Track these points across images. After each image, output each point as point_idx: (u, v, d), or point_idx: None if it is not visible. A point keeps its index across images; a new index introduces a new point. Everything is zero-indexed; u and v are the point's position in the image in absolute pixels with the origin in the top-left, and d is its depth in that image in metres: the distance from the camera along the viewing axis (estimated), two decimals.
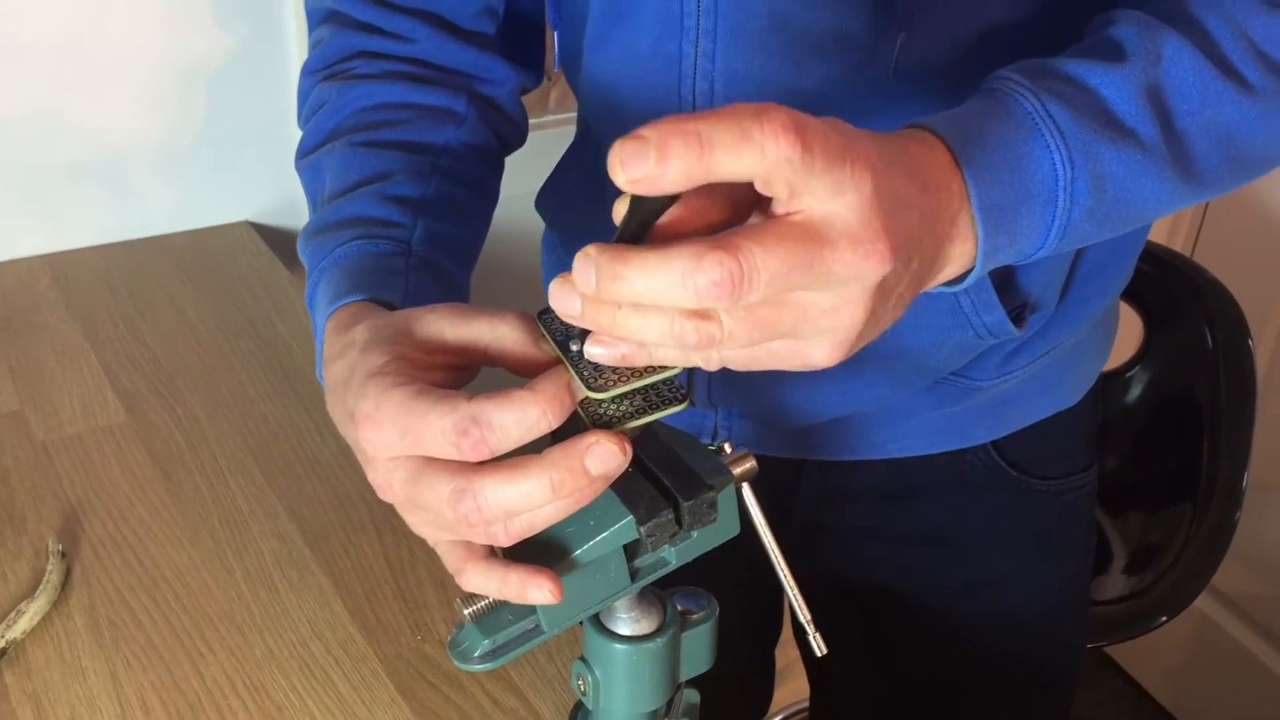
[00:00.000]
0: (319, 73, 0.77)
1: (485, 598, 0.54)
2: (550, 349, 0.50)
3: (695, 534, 0.53)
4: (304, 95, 0.78)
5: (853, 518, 0.89)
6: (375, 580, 0.82)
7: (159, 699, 0.73)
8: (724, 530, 0.54)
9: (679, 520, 0.51)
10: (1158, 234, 1.64)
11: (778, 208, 0.42)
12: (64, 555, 0.82)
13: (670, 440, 0.54)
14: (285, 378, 1.03)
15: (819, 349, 0.45)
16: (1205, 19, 0.56)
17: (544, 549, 0.51)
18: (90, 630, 0.77)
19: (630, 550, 0.53)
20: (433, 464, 0.48)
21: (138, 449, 0.94)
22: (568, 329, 0.48)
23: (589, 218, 0.81)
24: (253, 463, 0.93)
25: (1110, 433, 1.04)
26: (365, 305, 0.60)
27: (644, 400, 0.48)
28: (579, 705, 0.62)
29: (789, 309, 0.43)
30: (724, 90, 0.67)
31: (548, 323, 0.50)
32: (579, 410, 0.48)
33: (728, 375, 0.79)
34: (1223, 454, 0.99)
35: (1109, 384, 1.03)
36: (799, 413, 0.79)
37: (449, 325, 0.52)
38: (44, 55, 1.15)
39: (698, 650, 0.59)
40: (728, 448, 0.54)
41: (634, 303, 0.42)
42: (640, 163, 0.39)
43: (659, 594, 0.58)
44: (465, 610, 0.54)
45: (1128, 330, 0.95)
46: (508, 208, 0.83)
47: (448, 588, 0.81)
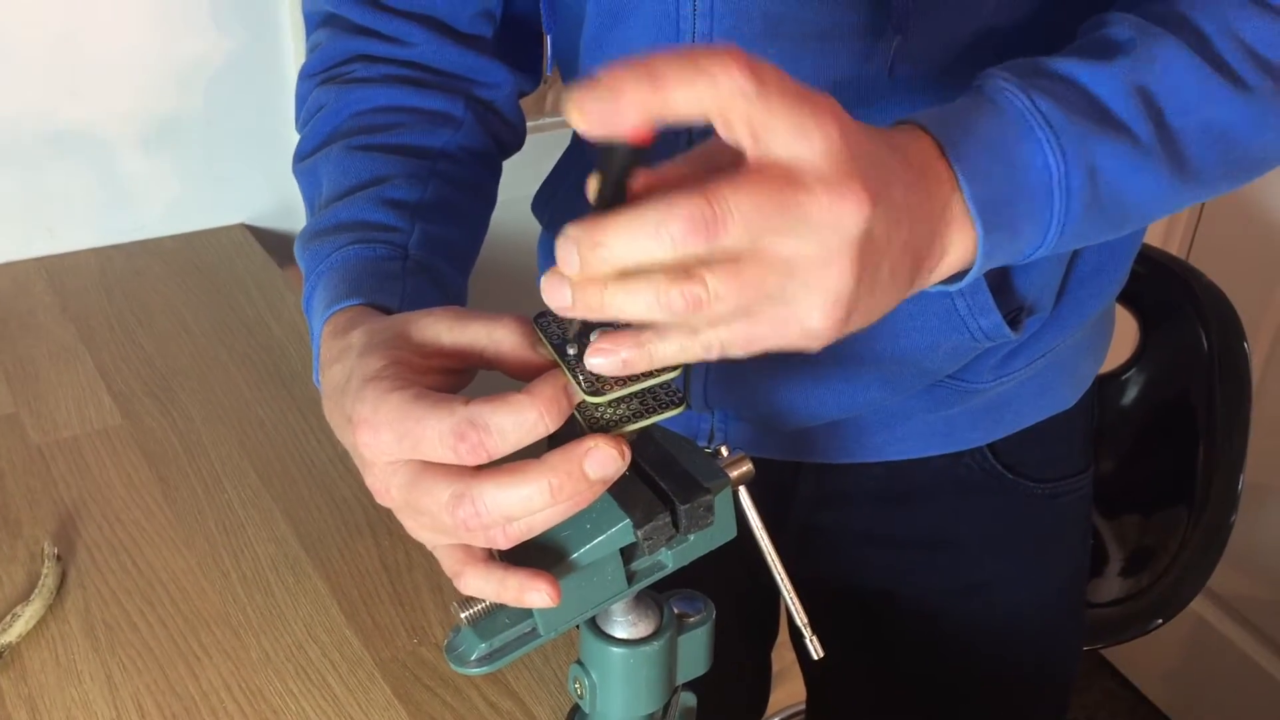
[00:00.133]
0: (316, 76, 0.77)
1: (482, 601, 0.54)
2: (547, 352, 0.50)
3: (692, 537, 0.53)
4: (301, 99, 0.78)
5: (849, 521, 0.89)
6: (371, 583, 0.82)
7: (154, 702, 0.73)
8: (720, 533, 0.54)
9: (676, 524, 0.51)
10: (1153, 237, 1.65)
11: (749, 159, 0.42)
12: (59, 559, 0.82)
13: (667, 443, 0.54)
14: (281, 381, 1.03)
15: (813, 312, 0.44)
16: (1198, 20, 0.56)
17: (541, 552, 0.51)
18: (86, 634, 0.77)
19: (627, 553, 0.53)
20: (431, 468, 0.48)
21: (133, 452, 0.94)
22: (565, 333, 0.48)
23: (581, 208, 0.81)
24: (249, 466, 0.93)
25: (1106, 435, 1.04)
26: (362, 310, 0.60)
27: (641, 404, 0.48)
28: (575, 708, 0.62)
29: (774, 266, 0.42)
30: None
31: (544, 326, 0.50)
32: (576, 414, 0.48)
33: (724, 378, 0.79)
34: (1218, 457, 1.00)
35: (1105, 387, 1.04)
36: (795, 415, 0.79)
37: (446, 329, 0.52)
38: (39, 57, 1.15)
39: (694, 653, 0.59)
40: (724, 451, 0.54)
41: (617, 269, 0.42)
42: (595, 100, 0.39)
43: (656, 597, 0.58)
44: (462, 614, 0.54)
45: (1123, 333, 0.95)
46: (505, 211, 0.83)
47: (444, 591, 0.81)
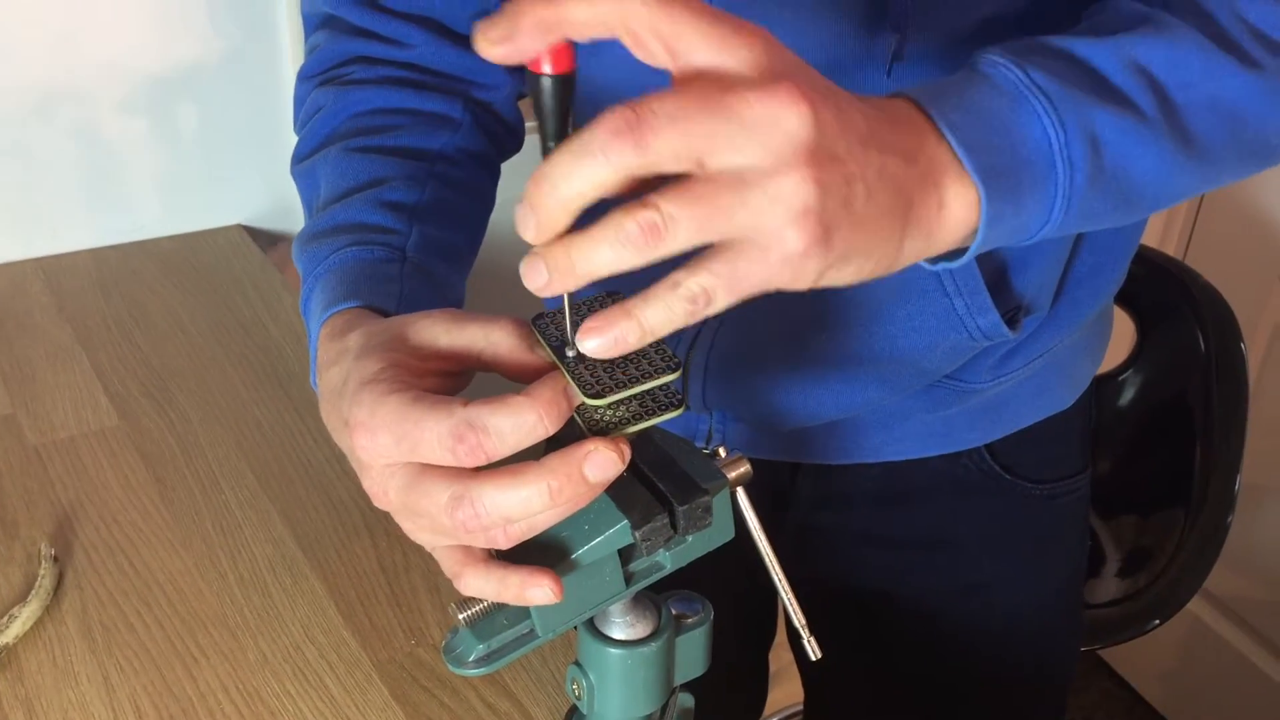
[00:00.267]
0: (315, 78, 0.77)
1: (480, 602, 0.53)
2: (545, 354, 0.50)
3: (690, 538, 0.53)
4: (300, 100, 0.78)
5: (847, 521, 0.89)
6: (369, 584, 0.82)
7: (152, 704, 0.73)
8: (719, 534, 0.54)
9: (674, 524, 0.51)
10: (1150, 237, 1.65)
11: (674, 76, 0.42)
12: (56, 560, 0.82)
13: (665, 444, 0.54)
14: (279, 381, 1.03)
15: (785, 229, 0.42)
16: (1202, 3, 0.55)
17: (539, 553, 0.51)
18: (83, 635, 0.77)
19: (625, 554, 0.53)
20: (429, 470, 0.48)
21: (130, 453, 0.94)
22: (563, 335, 0.48)
23: (583, 222, 0.81)
24: (246, 466, 0.93)
25: (1103, 436, 1.04)
26: (359, 312, 0.60)
27: (640, 406, 0.48)
28: (573, 709, 0.62)
29: (725, 180, 0.42)
30: None
31: (543, 328, 0.50)
32: (575, 416, 0.48)
33: (723, 378, 0.79)
34: (1215, 457, 1.00)
35: (1102, 387, 1.04)
36: (794, 416, 0.79)
37: (443, 331, 0.52)
38: (37, 57, 1.15)
39: (692, 654, 0.59)
40: (722, 452, 0.54)
41: (566, 205, 0.42)
42: (496, 26, 0.41)
43: (654, 598, 0.58)
44: (460, 615, 0.54)
45: (1120, 334, 0.95)
46: (504, 212, 0.83)
47: (442, 592, 0.81)
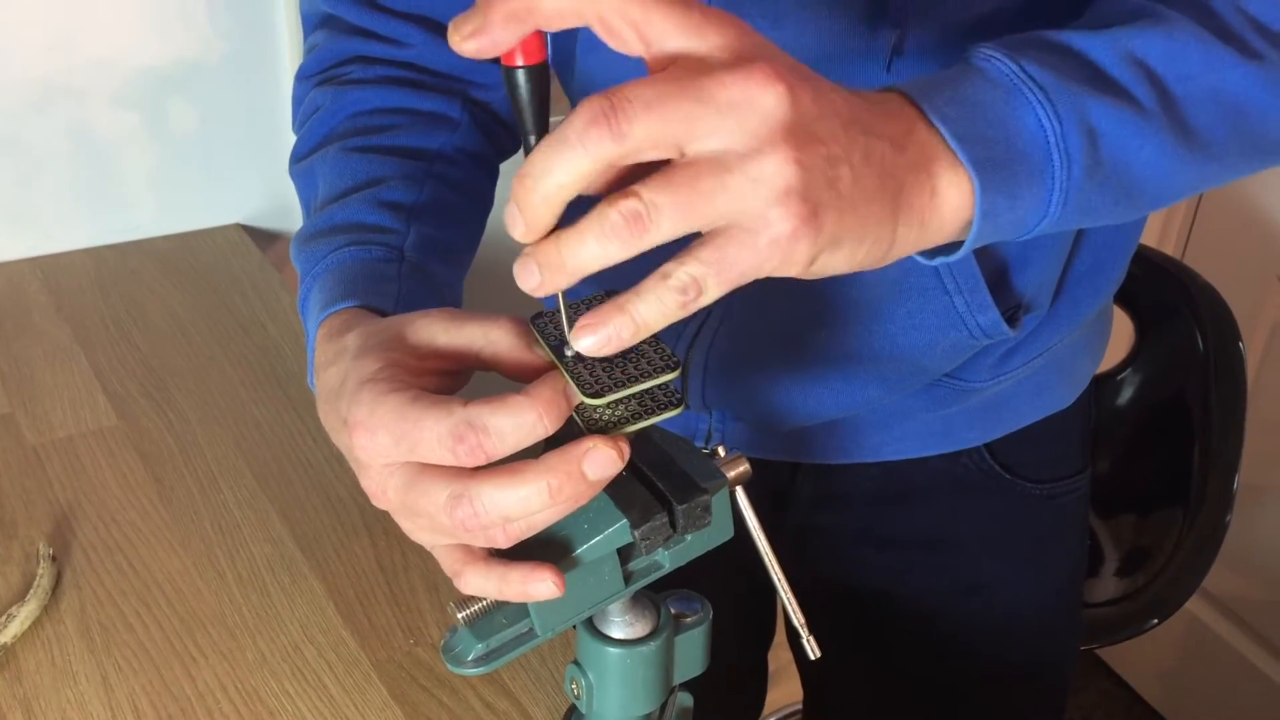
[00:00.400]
0: (314, 77, 0.77)
1: (479, 601, 0.53)
2: (544, 353, 0.50)
3: (689, 537, 0.53)
4: (298, 100, 0.78)
5: (847, 521, 0.89)
6: (368, 584, 0.82)
7: (150, 703, 0.73)
8: (718, 534, 0.54)
9: (673, 524, 0.51)
10: (1149, 237, 1.65)
11: (648, 65, 0.42)
12: (54, 559, 0.81)
13: (664, 444, 0.53)
14: (277, 381, 1.03)
15: (770, 211, 0.42)
16: None
17: (538, 552, 0.51)
18: (81, 635, 0.77)
19: (624, 554, 0.53)
20: (428, 470, 0.48)
21: (129, 452, 0.94)
22: (561, 334, 0.48)
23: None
24: (244, 466, 0.93)
25: (1101, 435, 1.04)
26: (357, 312, 0.59)
27: (639, 405, 0.48)
28: (572, 709, 0.62)
29: (705, 164, 0.41)
30: None
31: (541, 327, 0.50)
32: (574, 415, 0.48)
33: (722, 377, 0.79)
34: (1213, 457, 1.00)
35: (1100, 387, 1.04)
36: (793, 415, 0.79)
37: (442, 330, 0.52)
38: (34, 56, 1.15)
39: (691, 654, 0.59)
40: (721, 451, 0.54)
41: (549, 199, 0.42)
42: (467, 22, 0.41)
43: (653, 597, 0.58)
44: (459, 614, 0.54)
45: (1119, 333, 0.95)
46: (501, 212, 0.83)
47: (440, 591, 0.81)
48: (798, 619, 0.58)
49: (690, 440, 0.57)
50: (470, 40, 0.41)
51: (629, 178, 0.43)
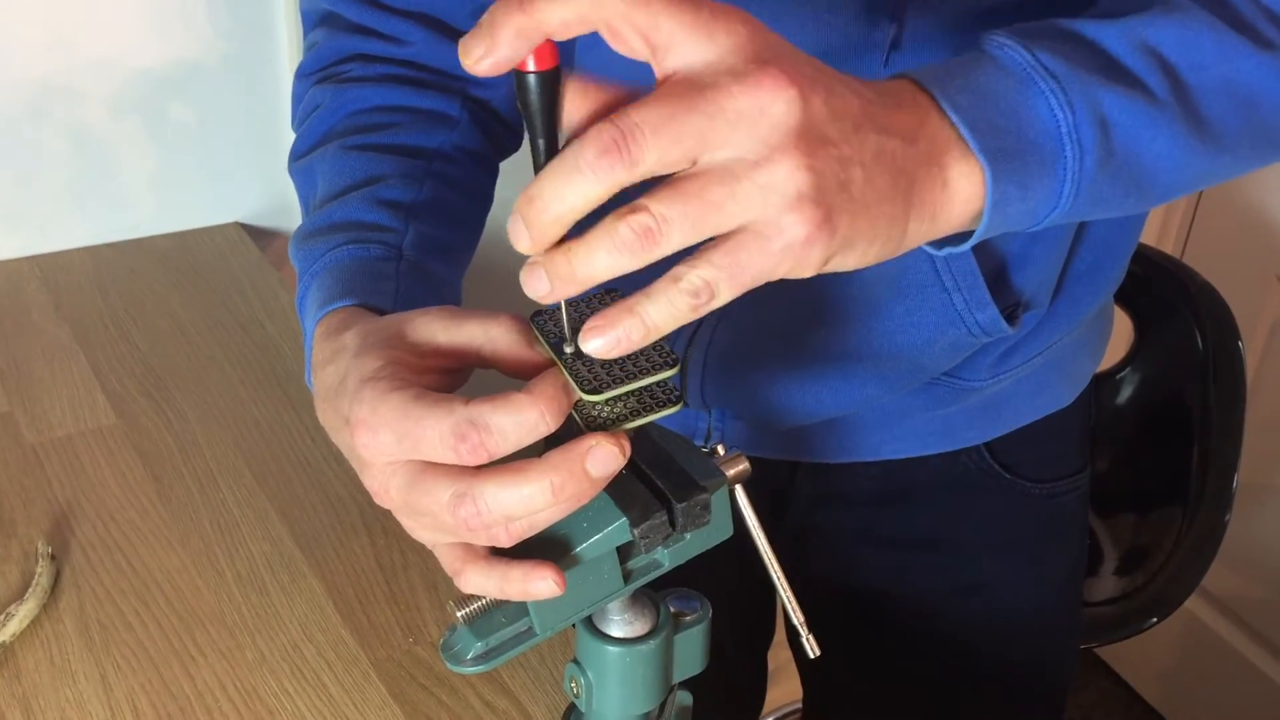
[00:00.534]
0: (313, 75, 0.77)
1: (478, 599, 0.53)
2: (544, 351, 0.50)
3: (688, 536, 0.53)
4: (298, 98, 0.78)
5: (846, 520, 0.89)
6: (367, 582, 0.82)
7: (149, 702, 0.73)
8: (717, 532, 0.54)
9: (672, 522, 0.51)
10: (1148, 236, 1.65)
11: (657, 76, 0.42)
12: (53, 558, 0.81)
13: (664, 442, 0.54)
14: (276, 380, 1.03)
15: (782, 216, 0.42)
16: None
17: (537, 551, 0.51)
18: (80, 633, 0.77)
19: (623, 552, 0.53)
20: (431, 468, 0.48)
21: (128, 451, 0.94)
22: (561, 331, 0.48)
23: (581, 221, 0.81)
24: (243, 465, 0.93)
25: (1101, 435, 1.04)
26: (355, 310, 0.59)
27: (638, 402, 0.48)
28: (571, 708, 0.62)
29: (714, 175, 0.41)
30: None
31: (541, 325, 0.50)
32: (573, 413, 0.48)
33: (721, 375, 0.79)
34: (1213, 456, 1.00)
35: (1099, 386, 1.04)
36: (792, 413, 0.79)
37: (441, 328, 0.52)
38: (33, 56, 1.14)
39: (691, 652, 0.59)
40: (721, 450, 0.54)
41: (558, 220, 0.42)
42: (475, 40, 0.41)
43: (652, 596, 0.58)
44: (458, 612, 0.54)
45: (1118, 332, 0.95)
46: (501, 210, 0.83)
47: (440, 590, 0.81)
48: (797, 618, 0.58)
49: (689, 439, 0.57)
50: (483, 62, 0.41)
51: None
